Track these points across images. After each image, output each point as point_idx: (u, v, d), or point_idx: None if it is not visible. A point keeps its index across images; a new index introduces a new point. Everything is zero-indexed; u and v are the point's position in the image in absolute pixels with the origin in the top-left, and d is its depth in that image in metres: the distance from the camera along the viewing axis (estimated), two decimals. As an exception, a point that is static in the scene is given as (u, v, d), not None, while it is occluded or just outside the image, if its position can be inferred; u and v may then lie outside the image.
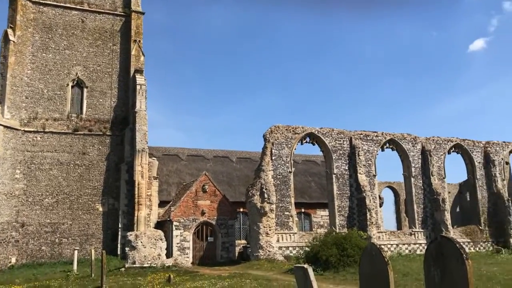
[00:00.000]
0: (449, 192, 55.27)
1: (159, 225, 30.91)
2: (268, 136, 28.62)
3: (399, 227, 48.43)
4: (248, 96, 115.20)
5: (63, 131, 32.94)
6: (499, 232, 32.97)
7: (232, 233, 30.65)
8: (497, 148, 34.96)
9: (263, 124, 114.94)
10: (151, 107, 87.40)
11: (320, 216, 36.43)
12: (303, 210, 36.21)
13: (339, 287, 15.79)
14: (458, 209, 53.38)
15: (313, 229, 35.00)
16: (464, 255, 5.91)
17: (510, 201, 33.54)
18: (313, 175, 39.11)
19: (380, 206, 38.64)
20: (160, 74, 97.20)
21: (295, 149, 29.52)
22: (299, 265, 10.02)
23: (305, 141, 30.04)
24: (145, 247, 26.04)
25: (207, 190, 30.07)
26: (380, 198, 39.39)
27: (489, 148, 34.51)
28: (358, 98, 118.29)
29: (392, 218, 53.00)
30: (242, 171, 37.68)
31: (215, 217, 29.97)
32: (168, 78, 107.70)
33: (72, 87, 34.18)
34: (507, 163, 46.44)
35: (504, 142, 35.62)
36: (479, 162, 34.18)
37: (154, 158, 33.36)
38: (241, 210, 33.52)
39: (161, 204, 32.59)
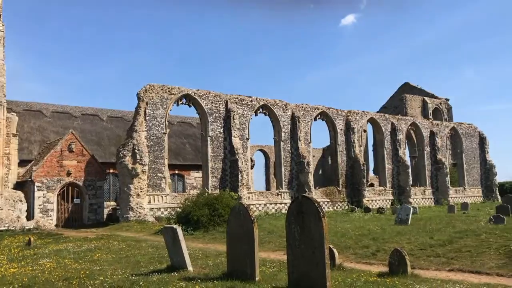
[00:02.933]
0: (313, 156, 59.59)
1: (19, 185, 28.48)
2: (142, 95, 27.68)
3: (268, 188, 51.13)
4: (122, 52, 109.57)
5: None
6: (354, 193, 36.55)
7: (100, 194, 29.53)
8: (357, 117, 38.28)
9: (138, 82, 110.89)
10: (10, 56, 78.61)
11: (194, 177, 36.76)
12: (176, 172, 36.15)
13: (208, 245, 16.25)
14: (320, 172, 57.98)
15: (186, 191, 35.25)
16: (321, 213, 6.46)
17: (365, 165, 37.25)
18: (188, 137, 39.07)
19: (251, 168, 40.21)
20: (22, 21, 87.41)
21: (170, 109, 29.07)
22: (168, 225, 10.07)
23: (181, 102, 29.67)
24: (2, 209, 23.93)
25: (74, 150, 28.34)
26: (251, 160, 40.95)
27: (350, 117, 37.63)
28: (237, 63, 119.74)
29: (262, 180, 55.81)
30: (113, 130, 36.13)
31: (82, 178, 28.52)
32: (32, 27, 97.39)
33: None
34: (364, 131, 51.28)
35: (363, 111, 39.11)
36: (341, 129, 37.15)
37: (13, 113, 30.24)
38: (111, 171, 32.36)
39: (22, 163, 29.95)
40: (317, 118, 36.61)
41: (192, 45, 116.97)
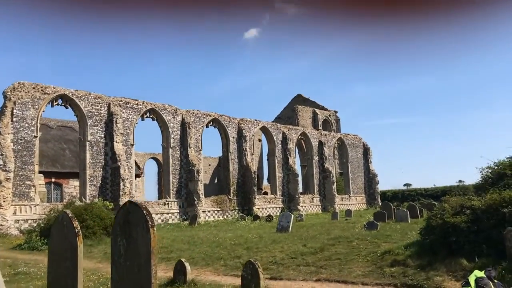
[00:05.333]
0: (209, 165, 58.69)
1: None
2: (9, 93, 24.67)
3: (160, 197, 49.03)
4: None
5: None
6: (245, 201, 36.14)
7: (-44, 205, 25.68)
8: (250, 125, 38.06)
9: (8, 81, 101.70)
10: None
11: (74, 186, 33.83)
12: (53, 180, 33.05)
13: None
14: (216, 181, 57.19)
15: (64, 201, 32.22)
16: (150, 223, 5.39)
17: (255, 173, 37.04)
18: (68, 142, 35.96)
19: (139, 176, 38.19)
20: None
21: (43, 111, 26.26)
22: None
23: (56, 103, 26.98)
24: None
25: None
26: (139, 168, 38.91)
27: (242, 125, 37.28)
28: (128, 68, 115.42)
29: (155, 189, 53.55)
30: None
31: None
32: None
33: None
34: (259, 140, 51.55)
35: (255, 120, 39.01)
36: (233, 137, 36.62)
37: None
38: (-26, 178, 28.46)
39: None
40: (209, 125, 35.73)
41: (77, 46, 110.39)
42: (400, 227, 17.31)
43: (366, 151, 50.34)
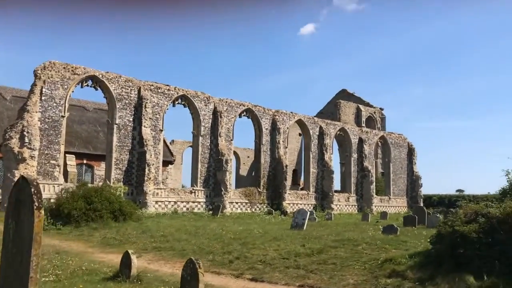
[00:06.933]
0: (248, 157, 57.90)
1: None
2: (39, 72, 24.80)
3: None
4: (29, 29, 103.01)
5: None
6: (275, 195, 35.01)
7: (-15, 180, 26.32)
8: (285, 117, 36.79)
9: (39, 60, 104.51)
10: None
11: (104, 169, 33.93)
12: (85, 161, 33.33)
13: (65, 243, 13.97)
14: (253, 174, 56.40)
15: (95, 183, 32.43)
16: (36, 203, 4.44)
17: (287, 167, 35.75)
18: (103, 125, 35.99)
19: (171, 163, 37.94)
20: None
21: (72, 91, 26.29)
22: None
23: (86, 84, 26.97)
24: None
25: (-44, 128, 25.03)
26: (172, 155, 38.65)
27: (277, 116, 36.06)
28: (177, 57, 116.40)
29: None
30: (16, 111, 32.69)
31: (-36, 160, 25.26)
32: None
33: None
34: (300, 134, 50.11)
35: (291, 112, 37.67)
36: (267, 129, 35.47)
37: None
38: (8, 155, 29.10)
39: None
40: (242, 115, 34.79)
41: (110, 28, 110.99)
42: (426, 233, 15.55)
43: (410, 152, 47.74)
